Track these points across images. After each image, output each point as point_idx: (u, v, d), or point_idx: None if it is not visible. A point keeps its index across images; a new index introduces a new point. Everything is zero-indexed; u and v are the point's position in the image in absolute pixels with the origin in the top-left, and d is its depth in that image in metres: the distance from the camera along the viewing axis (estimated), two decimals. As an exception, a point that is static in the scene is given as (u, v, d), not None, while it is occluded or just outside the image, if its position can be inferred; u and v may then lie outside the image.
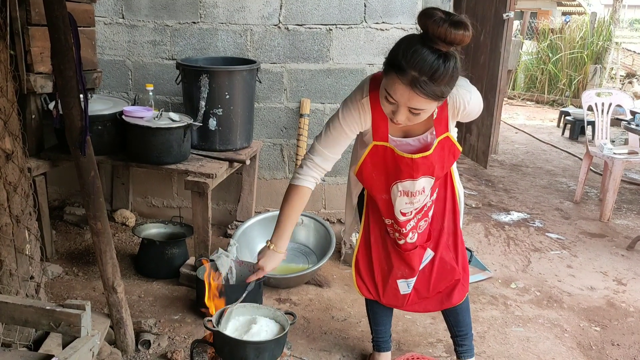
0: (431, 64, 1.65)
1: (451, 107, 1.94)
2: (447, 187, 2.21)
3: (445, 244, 2.25)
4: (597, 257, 3.90)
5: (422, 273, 2.26)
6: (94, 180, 2.29)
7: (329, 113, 3.79)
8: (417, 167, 1.98)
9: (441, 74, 1.66)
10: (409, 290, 2.28)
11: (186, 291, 3.16)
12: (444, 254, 2.25)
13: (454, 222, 2.25)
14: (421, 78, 1.66)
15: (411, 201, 2.07)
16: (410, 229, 2.14)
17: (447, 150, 2.02)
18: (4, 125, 1.99)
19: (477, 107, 2.00)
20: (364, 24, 3.66)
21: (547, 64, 10.88)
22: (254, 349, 1.83)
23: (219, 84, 3.30)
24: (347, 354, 2.68)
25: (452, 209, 2.23)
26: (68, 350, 1.50)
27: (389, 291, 2.31)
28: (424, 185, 2.04)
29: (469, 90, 1.94)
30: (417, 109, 1.74)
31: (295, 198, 2.09)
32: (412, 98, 1.71)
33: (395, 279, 2.27)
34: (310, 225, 3.59)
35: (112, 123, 3.23)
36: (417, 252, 2.20)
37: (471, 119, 2.06)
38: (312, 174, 2.07)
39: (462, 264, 2.28)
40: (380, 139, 2.00)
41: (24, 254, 2.11)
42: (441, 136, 1.98)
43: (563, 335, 2.92)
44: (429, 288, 2.28)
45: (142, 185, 4.07)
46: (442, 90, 1.71)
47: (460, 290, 2.29)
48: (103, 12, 3.75)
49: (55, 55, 2.12)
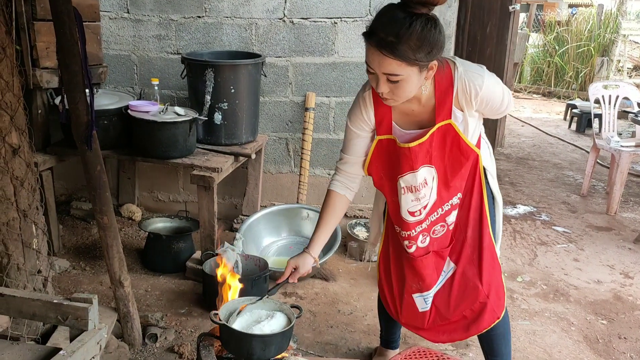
0: (397, 22, 1.61)
1: (461, 92, 1.83)
2: (473, 194, 2.02)
3: (469, 258, 2.06)
4: (603, 251, 3.89)
5: (442, 289, 2.11)
6: (100, 174, 2.30)
7: (334, 107, 3.79)
8: (415, 156, 1.90)
9: (408, 33, 1.60)
10: (427, 306, 2.13)
11: (192, 285, 3.17)
12: (467, 269, 2.06)
13: (480, 234, 2.05)
14: (387, 38, 1.62)
15: (417, 197, 1.97)
16: (421, 231, 2.02)
17: (449, 140, 1.89)
18: (11, 120, 1.99)
19: (495, 95, 1.87)
20: (369, 17, 3.64)
21: (553, 56, 10.80)
22: (261, 343, 1.83)
23: (224, 78, 3.30)
24: (353, 347, 2.69)
25: (477, 219, 2.04)
26: (75, 343, 1.51)
27: (406, 308, 2.18)
28: (425, 177, 1.94)
29: (480, 74, 1.83)
30: (392, 75, 1.68)
31: (326, 202, 2.10)
32: (383, 61, 1.66)
33: (410, 294, 2.14)
34: (315, 219, 3.54)
35: (118, 117, 3.23)
36: (431, 259, 2.06)
37: (497, 111, 1.94)
38: (338, 179, 2.09)
39: (490, 282, 2.06)
40: (384, 132, 1.97)
41: (31, 248, 2.12)
42: (441, 122, 1.87)
43: (569, 329, 2.91)
44: (449, 306, 2.10)
45: (148, 179, 4.08)
46: (414, 51, 1.63)
47: (490, 314, 2.07)
48: (108, 6, 3.75)
49: (61, 50, 2.13)
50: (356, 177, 2.08)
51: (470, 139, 1.91)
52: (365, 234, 3.63)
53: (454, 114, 1.87)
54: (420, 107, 1.89)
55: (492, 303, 2.06)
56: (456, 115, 1.88)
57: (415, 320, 2.20)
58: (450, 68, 1.84)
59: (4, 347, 1.56)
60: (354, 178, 2.08)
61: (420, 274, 2.08)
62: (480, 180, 2.02)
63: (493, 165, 2.10)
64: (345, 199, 2.08)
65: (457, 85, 1.83)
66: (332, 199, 2.08)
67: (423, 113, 1.90)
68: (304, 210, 3.64)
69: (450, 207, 2.02)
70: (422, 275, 2.08)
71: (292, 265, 2.04)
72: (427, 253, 2.06)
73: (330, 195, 2.09)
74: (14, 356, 1.52)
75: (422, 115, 1.91)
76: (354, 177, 2.08)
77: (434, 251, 2.07)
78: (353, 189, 2.09)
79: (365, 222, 3.78)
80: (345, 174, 2.07)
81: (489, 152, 2.10)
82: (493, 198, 2.09)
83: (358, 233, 3.64)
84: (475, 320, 2.08)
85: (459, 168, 1.95)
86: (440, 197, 1.99)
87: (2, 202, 2.01)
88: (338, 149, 3.84)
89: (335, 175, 2.10)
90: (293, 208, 3.66)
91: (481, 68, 1.88)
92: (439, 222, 2.03)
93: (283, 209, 3.65)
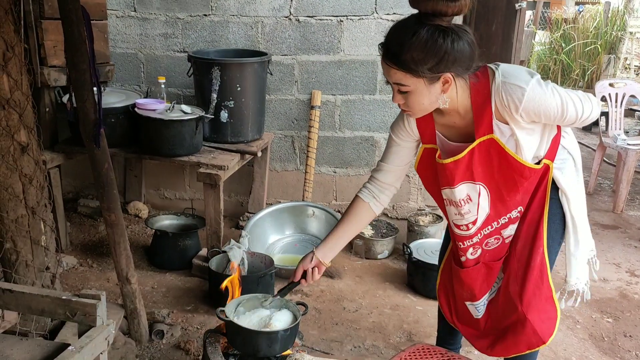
0: (403, 32, 1.57)
1: (499, 105, 1.69)
2: (531, 208, 1.88)
3: (514, 273, 1.94)
4: (610, 249, 3.88)
5: (494, 299, 2.03)
6: (108, 172, 2.31)
7: (340, 105, 3.80)
8: (450, 173, 1.79)
9: (410, 43, 1.55)
10: (480, 315, 2.06)
11: (199, 282, 3.19)
12: (510, 285, 1.94)
13: (531, 251, 1.89)
14: (392, 48, 1.59)
15: (459, 212, 1.87)
16: (471, 245, 1.93)
17: (495, 156, 1.76)
18: (19, 118, 2.01)
19: (546, 107, 1.67)
20: (374, 15, 3.64)
21: (560, 54, 10.75)
22: (266, 339, 1.85)
23: (230, 76, 3.31)
24: (358, 344, 2.70)
25: (531, 234, 1.90)
26: (84, 339, 1.52)
27: (461, 310, 2.11)
28: (468, 193, 1.82)
29: (522, 86, 1.65)
30: (400, 85, 1.64)
31: (348, 208, 2.03)
32: (389, 71, 1.63)
33: (462, 301, 2.07)
34: (321, 217, 3.61)
35: (124, 116, 3.25)
36: (480, 269, 1.97)
37: (565, 123, 1.76)
38: (367, 186, 2.02)
39: (530, 303, 1.90)
40: (428, 142, 1.89)
41: (39, 245, 2.14)
42: (481, 138, 1.74)
43: (575, 327, 2.91)
44: (498, 317, 2.01)
45: (155, 177, 4.10)
46: (417, 63, 1.56)
47: (530, 337, 1.91)
48: (115, 5, 3.76)
49: (69, 49, 2.14)
50: (387, 187, 2.00)
51: (525, 155, 1.76)
52: (370, 232, 3.64)
53: (497, 128, 1.74)
54: (461, 120, 1.79)
55: (533, 325, 1.90)
56: (501, 130, 1.74)
57: (470, 322, 2.12)
58: (488, 79, 1.72)
59: (13, 343, 1.58)
60: (384, 188, 2.00)
61: (467, 284, 2.01)
62: (544, 195, 1.86)
63: (575, 185, 1.89)
64: (368, 207, 1.99)
65: (494, 98, 1.70)
66: (355, 205, 2.01)
67: (467, 126, 1.79)
68: (310, 208, 3.65)
69: (508, 221, 1.90)
70: (470, 286, 2.01)
71: (303, 269, 1.97)
72: (477, 264, 1.98)
73: (353, 201, 2.02)
74: (23, 351, 1.54)
75: (468, 129, 1.79)
76: (384, 187, 2.00)
77: (484, 262, 1.98)
78: (380, 199, 2.00)
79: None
80: (377, 182, 2.00)
81: (573, 167, 1.90)
82: (564, 219, 1.91)
83: (363, 231, 3.64)
84: (514, 340, 1.96)
85: (513, 185, 1.81)
86: (495, 211, 1.88)
87: (11, 199, 2.02)
88: (343, 146, 3.87)
89: (366, 183, 2.03)
90: (299, 206, 3.67)
91: (528, 76, 1.69)
92: (493, 235, 1.93)
93: (289, 207, 3.66)
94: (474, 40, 1.62)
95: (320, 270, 1.98)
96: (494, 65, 1.74)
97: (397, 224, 3.75)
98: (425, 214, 3.74)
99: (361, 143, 3.87)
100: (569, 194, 1.88)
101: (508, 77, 1.69)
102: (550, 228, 1.90)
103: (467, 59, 1.62)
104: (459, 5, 1.55)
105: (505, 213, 1.89)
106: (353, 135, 3.85)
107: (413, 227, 3.57)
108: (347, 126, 3.83)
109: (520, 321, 1.92)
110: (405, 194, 3.91)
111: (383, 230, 3.68)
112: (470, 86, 1.72)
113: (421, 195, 3.90)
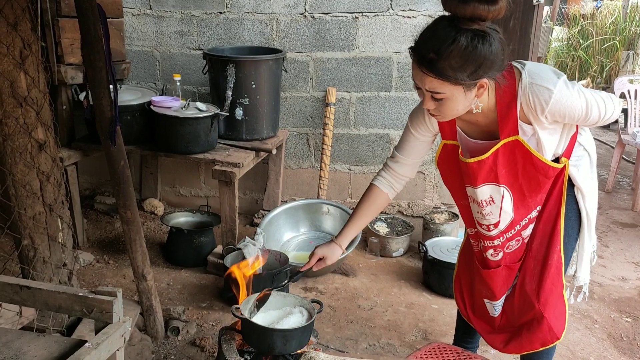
0: (439, 38, 1.51)
1: (525, 106, 1.68)
2: (547, 205, 1.87)
3: (530, 271, 1.93)
4: (629, 248, 3.83)
5: (509, 296, 2.03)
6: (124, 169, 2.32)
7: (355, 102, 3.78)
8: (473, 173, 1.78)
9: (449, 50, 1.50)
10: (497, 313, 2.07)
11: (214, 279, 3.19)
12: (526, 283, 1.94)
13: (548, 248, 1.89)
14: (428, 55, 1.54)
15: (480, 212, 1.86)
16: (492, 247, 1.93)
17: (520, 157, 1.74)
18: (37, 116, 2.02)
19: (572, 109, 1.66)
20: (390, 12, 3.62)
21: (577, 50, 10.62)
22: (282, 337, 1.84)
23: (245, 74, 3.31)
24: (373, 342, 2.69)
25: (548, 232, 1.89)
26: (101, 335, 1.53)
27: (478, 305, 2.12)
28: (491, 194, 1.81)
29: (549, 87, 1.64)
30: (435, 93, 1.60)
31: (366, 195, 2.03)
32: (424, 78, 1.58)
33: (481, 298, 2.08)
34: (336, 214, 3.60)
35: (140, 113, 3.27)
36: (501, 272, 1.96)
37: (587, 123, 1.76)
38: (385, 175, 2.02)
39: (547, 300, 1.90)
40: (449, 138, 1.88)
41: (56, 241, 2.16)
42: (506, 139, 1.73)
43: (593, 327, 2.88)
44: (514, 315, 2.01)
45: (170, 174, 4.12)
46: (455, 70, 1.52)
47: (546, 333, 1.92)
48: (131, 3, 3.78)
49: (85, 47, 2.15)
50: (403, 179, 2.01)
51: (547, 154, 1.76)
52: (385, 230, 3.63)
53: (521, 129, 1.72)
54: (484, 119, 1.77)
55: (549, 322, 1.92)
56: (524, 130, 1.73)
57: (485, 318, 2.13)
58: (514, 79, 1.69)
59: (31, 339, 1.59)
60: (400, 179, 2.01)
61: (488, 285, 2.01)
62: (561, 193, 1.85)
63: (589, 181, 1.89)
64: (386, 196, 2.01)
65: (520, 99, 1.68)
66: (373, 194, 2.01)
67: (490, 124, 1.78)
68: (324, 206, 3.64)
69: (528, 221, 1.90)
70: (491, 286, 2.00)
71: (319, 255, 2.00)
72: (498, 267, 1.97)
73: (371, 190, 2.02)
74: (40, 347, 1.55)
75: (490, 127, 1.78)
76: (401, 178, 2.01)
77: (505, 265, 1.97)
78: (397, 189, 2.03)
79: (386, 217, 3.76)
80: (394, 173, 2.00)
81: (588, 165, 1.90)
82: (579, 215, 1.90)
83: (378, 228, 3.63)
84: (529, 338, 1.97)
85: (536, 186, 1.81)
86: (518, 214, 1.87)
87: (28, 196, 2.04)
88: (358, 144, 3.85)
89: (382, 172, 2.03)
90: (313, 203, 3.66)
91: (555, 77, 1.67)
92: (514, 237, 1.92)
93: (303, 204, 3.66)
94: (503, 39, 1.59)
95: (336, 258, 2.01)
96: (519, 65, 1.71)
97: (412, 221, 3.73)
98: (441, 212, 3.71)
99: (376, 140, 3.85)
100: (584, 190, 1.88)
101: (535, 77, 1.67)
102: (567, 225, 1.90)
103: (500, 61, 1.60)
104: (498, 9, 1.51)
105: (526, 214, 1.88)
106: (368, 132, 3.84)
107: (429, 224, 3.55)
108: (362, 123, 3.82)
109: (537, 319, 1.93)
110: (421, 191, 3.88)
111: (398, 228, 3.66)
112: (496, 86, 1.70)
113: (437, 193, 3.87)
